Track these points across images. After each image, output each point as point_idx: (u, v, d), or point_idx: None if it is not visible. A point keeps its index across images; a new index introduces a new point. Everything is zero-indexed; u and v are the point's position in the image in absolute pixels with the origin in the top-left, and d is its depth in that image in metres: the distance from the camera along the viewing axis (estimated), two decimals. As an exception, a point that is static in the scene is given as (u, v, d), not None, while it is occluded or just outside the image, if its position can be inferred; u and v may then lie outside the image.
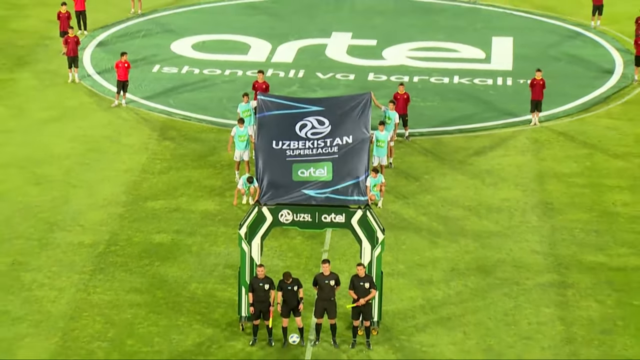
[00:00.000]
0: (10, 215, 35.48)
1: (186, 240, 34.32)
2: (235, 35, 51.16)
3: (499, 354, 28.91)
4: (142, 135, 41.38)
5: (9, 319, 30.10)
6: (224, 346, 29.11)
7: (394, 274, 31.89)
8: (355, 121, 29.98)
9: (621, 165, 39.42)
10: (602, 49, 49.88)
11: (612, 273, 32.76)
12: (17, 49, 48.73)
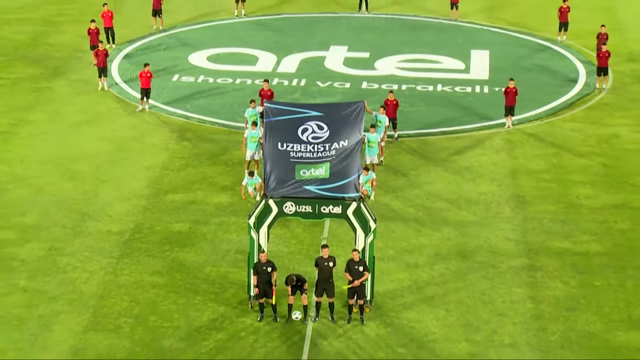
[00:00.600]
0: (47, 207, 35.46)
1: (202, 228, 34.30)
2: (244, 48, 51.09)
3: (477, 329, 28.97)
4: (163, 136, 41.33)
5: (47, 297, 30.16)
6: (235, 322, 29.14)
7: (385, 259, 31.86)
8: (350, 126, 30.01)
9: (584, 163, 39.37)
10: (567, 60, 49.81)
11: (575, 257, 32.76)
12: (53, 61, 48.68)
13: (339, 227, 32.52)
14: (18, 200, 36.03)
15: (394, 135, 40.91)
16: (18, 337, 28.44)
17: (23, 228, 34.11)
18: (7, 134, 41.11)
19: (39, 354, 27.72)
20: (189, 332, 28.71)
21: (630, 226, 34.82)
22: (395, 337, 28.66)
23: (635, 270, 32.05)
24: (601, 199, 36.69)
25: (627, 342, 28.51)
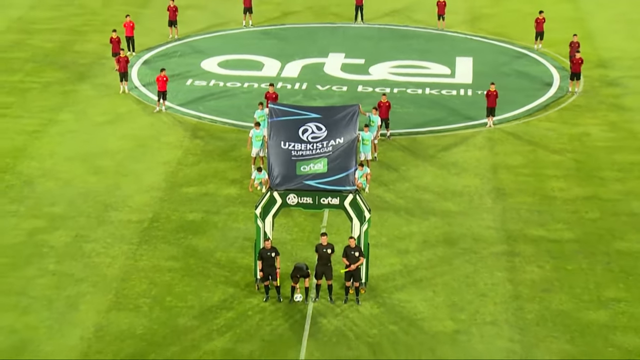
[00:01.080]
0: (73, 198, 35.46)
1: (213, 218, 34.30)
2: (251, 55, 51.03)
3: (461, 308, 29.05)
4: (178, 135, 41.30)
5: (73, 280, 30.24)
6: (243, 302, 29.22)
7: (378, 245, 31.87)
8: (346, 126, 30.18)
9: (558, 159, 39.35)
10: (543, 66, 49.76)
11: (550, 244, 32.79)
12: (79, 67, 48.64)
13: (337, 217, 32.50)
14: (47, 192, 36.01)
15: (387, 134, 40.88)
16: (48, 315, 28.54)
17: (52, 217, 34.12)
18: (38, 133, 41.09)
19: (66, 330, 27.82)
20: (201, 311, 28.77)
21: (600, 216, 34.84)
22: (387, 316, 28.72)
23: (603, 256, 32.09)
24: (573, 191, 36.67)
25: (596, 319, 28.57)
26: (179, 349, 27.11)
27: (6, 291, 29.70)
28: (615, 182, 37.43)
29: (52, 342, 27.36)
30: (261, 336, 27.74)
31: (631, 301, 29.62)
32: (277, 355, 26.96)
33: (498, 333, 27.92)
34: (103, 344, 27.31)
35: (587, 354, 26.83)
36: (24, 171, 37.65)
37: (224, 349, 27.19)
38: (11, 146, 39.76)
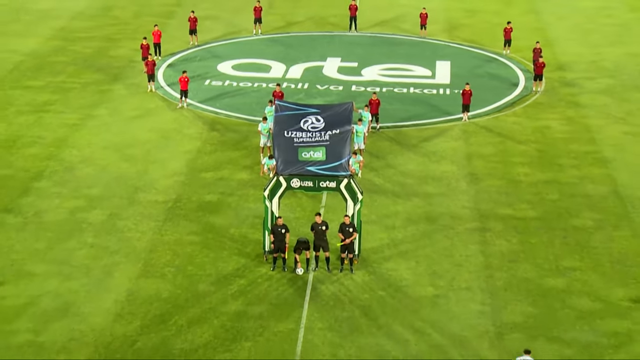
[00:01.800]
0: (109, 182, 35.44)
1: (228, 199, 34.28)
2: (261, 59, 50.93)
3: (440, 276, 29.15)
4: (198, 128, 41.24)
5: (108, 251, 30.30)
6: (253, 271, 29.28)
7: (369, 222, 31.85)
8: (342, 120, 30.23)
9: (523, 148, 39.34)
10: (510, 69, 49.67)
11: (516, 221, 32.82)
12: (113, 69, 48.56)
13: (334, 198, 32.47)
14: (86, 176, 35.98)
15: (376, 127, 40.82)
16: (87, 281, 28.60)
17: (90, 198, 34.10)
18: (78, 126, 41.04)
19: (103, 294, 27.91)
20: (218, 279, 28.83)
21: (558, 197, 34.85)
22: (377, 283, 28.78)
23: (561, 231, 32.15)
24: (536, 176, 36.66)
25: (554, 285, 28.63)
26: (198, 311, 27.17)
27: (51, 261, 29.76)
28: (571, 168, 37.41)
29: (90, 304, 27.43)
30: (269, 300, 27.80)
31: (584, 270, 29.70)
32: (283, 316, 27.01)
33: (471, 297, 27.98)
34: (134, 306, 27.37)
35: (547, 314, 26.92)
36: (65, 158, 37.61)
37: (237, 310, 27.24)
38: (55, 137, 39.70)
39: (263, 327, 26.51)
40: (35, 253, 30.26)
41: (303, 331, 26.36)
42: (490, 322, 26.78)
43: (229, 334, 26.20)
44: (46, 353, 25.28)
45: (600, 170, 37.21)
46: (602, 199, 34.66)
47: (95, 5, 60.70)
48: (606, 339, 26.02)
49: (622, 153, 38.91)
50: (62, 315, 26.91)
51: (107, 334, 26.07)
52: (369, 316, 27.03)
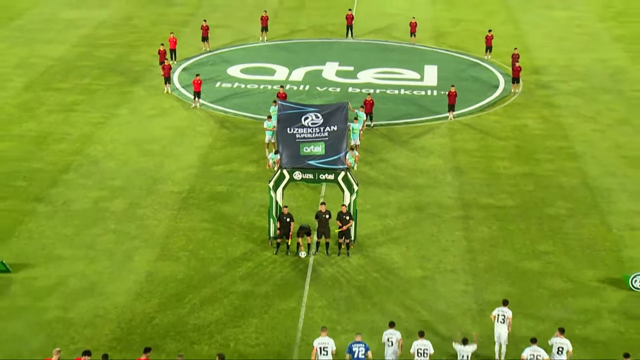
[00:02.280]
0: (129, 175, 35.37)
1: (236, 190, 34.22)
2: (266, 63, 50.77)
3: (428, 259, 29.19)
4: (209, 125, 41.12)
5: (129, 237, 30.31)
6: (259, 254, 29.33)
7: (364, 211, 31.79)
8: (339, 118, 30.09)
9: (503, 144, 39.26)
10: (491, 73, 49.54)
11: (496, 210, 32.82)
12: (133, 73, 48.42)
13: (332, 189, 32.42)
14: (109, 169, 35.90)
15: (371, 125, 40.72)
16: (109, 264, 28.62)
17: (113, 189, 34.04)
18: (102, 124, 40.93)
19: (124, 276, 27.93)
20: (227, 262, 28.85)
21: (534, 188, 34.81)
22: (371, 265, 28.81)
23: (537, 219, 32.15)
24: (514, 169, 36.60)
25: (531, 268, 28.64)
26: (210, 291, 27.18)
27: (78, 245, 29.76)
28: (546, 162, 37.34)
29: (113, 284, 27.45)
30: (273, 281, 27.81)
31: (557, 254, 29.72)
32: (286, 295, 27.02)
33: (456, 278, 27.98)
34: (152, 286, 27.39)
35: (524, 294, 26.94)
36: (90, 153, 37.51)
37: (244, 290, 27.26)
38: (81, 134, 39.60)
39: (268, 306, 26.53)
40: (64, 238, 30.25)
41: (304, 309, 26.37)
42: (472, 300, 26.80)
43: (238, 311, 26.21)
44: (74, 328, 25.30)
45: (572, 164, 37.15)
46: (573, 190, 34.63)
47: (117, 15, 60.55)
48: (576, 315, 26.09)
49: (591, 148, 38.85)
50: (88, 294, 26.93)
51: (128, 311, 26.09)
52: (364, 295, 27.06)
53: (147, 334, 24.99)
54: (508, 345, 23.84)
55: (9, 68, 48.55)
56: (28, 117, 41.62)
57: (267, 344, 24.78)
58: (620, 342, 24.93)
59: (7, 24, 57.01)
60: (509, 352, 23.90)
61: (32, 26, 57.08)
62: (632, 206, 33.24)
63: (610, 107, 44.06)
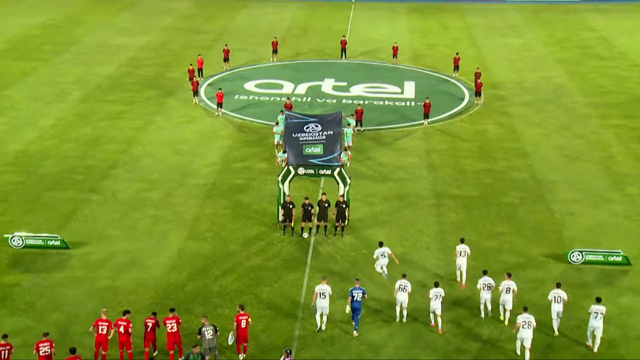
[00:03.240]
0: (164, 170, 35.22)
1: (251, 182, 34.04)
2: (276, 79, 50.54)
3: (407, 239, 29.15)
4: (230, 130, 40.92)
5: (164, 221, 30.24)
6: (270, 235, 29.24)
7: (355, 200, 31.63)
8: (334, 124, 30.01)
9: (468, 145, 39.03)
10: (458, 88, 49.29)
11: (462, 199, 32.68)
12: (168, 87, 48.20)
13: (329, 182, 32.26)
14: (148, 166, 35.72)
15: (361, 130, 40.51)
16: (148, 243, 28.57)
17: (151, 182, 33.89)
18: (142, 129, 40.72)
19: (160, 252, 27.87)
20: (244, 241, 28.74)
21: (493, 181, 34.64)
22: (361, 244, 28.69)
23: (495, 206, 32.02)
24: (477, 166, 36.42)
25: (490, 246, 28.58)
26: (230, 264, 27.09)
27: (123, 227, 29.68)
28: (502, 160, 37.16)
29: (151, 259, 27.36)
30: (281, 257, 27.72)
31: (511, 234, 29.63)
32: (291, 268, 26.97)
33: (430, 255, 27.89)
34: (183, 261, 27.30)
35: (484, 267, 26.66)
36: (133, 152, 37.33)
37: (258, 264, 27.18)
38: (125, 137, 39.42)
39: (277, 277, 26.44)
40: (112, 222, 30.14)
41: (306, 279, 26.29)
42: (443, 272, 26.72)
43: (252, 281, 26.13)
44: (120, 294, 25.25)
45: (523, 162, 36.98)
46: (524, 183, 34.48)
47: (155, 41, 60.27)
48: (526, 284, 26.02)
49: (538, 149, 38.69)
50: (131, 267, 26.85)
51: (164, 281, 26.00)
52: (355, 268, 26.97)
53: (179, 299, 24.91)
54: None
55: (69, 84, 48.33)
56: (84, 123, 41.42)
57: (277, 307, 24.71)
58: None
59: (68, 49, 56.75)
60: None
61: (88, 50, 56.83)
62: (570, 196, 33.12)
63: (553, 115, 43.87)
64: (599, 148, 38.70)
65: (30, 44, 57.60)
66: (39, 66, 52.00)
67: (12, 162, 35.77)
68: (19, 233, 28.17)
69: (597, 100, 46.50)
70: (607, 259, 27.50)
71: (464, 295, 25.55)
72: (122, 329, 21.57)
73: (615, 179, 34.80)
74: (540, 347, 22.91)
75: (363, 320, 23.91)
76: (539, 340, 23.04)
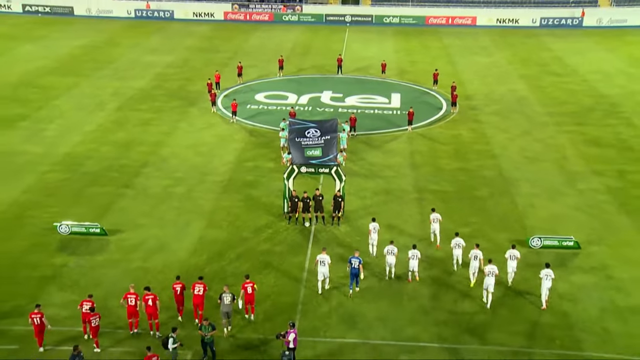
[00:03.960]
0: (187, 169, 35.20)
1: (261, 179, 34.02)
2: (282, 91, 50.50)
3: (393, 227, 29.07)
4: (243, 134, 40.88)
5: (187, 212, 30.15)
6: (277, 224, 29.19)
7: (349, 194, 31.60)
8: (331, 130, 29.94)
9: (445, 148, 39.00)
10: (437, 99, 49.25)
11: (441, 193, 32.65)
12: (190, 98, 48.16)
13: (327, 179, 32.28)
14: (173, 165, 35.69)
15: (354, 134, 40.49)
16: (173, 230, 28.59)
17: (176, 179, 33.88)
18: (168, 134, 40.67)
19: (183, 238, 27.84)
20: (255, 229, 28.72)
21: (466, 178, 34.62)
22: (354, 232, 28.70)
23: (468, 200, 32.00)
24: (453, 165, 36.41)
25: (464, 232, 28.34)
26: (243, 249, 27.12)
27: (152, 217, 29.67)
28: (474, 160, 37.15)
29: (176, 244, 27.39)
30: (287, 242, 27.74)
31: (482, 223, 29.62)
32: (295, 253, 26.99)
33: (412, 240, 27.73)
34: (203, 246, 27.33)
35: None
36: (161, 154, 37.29)
37: (267, 249, 27.19)
38: (154, 140, 39.39)
39: (282, 259, 26.49)
40: (143, 213, 30.15)
41: (308, 262, 26.33)
42: (424, 255, 26.74)
43: (262, 263, 26.18)
44: (150, 274, 25.32)
45: (492, 162, 36.96)
46: (492, 179, 34.47)
47: (179, 59, 60.19)
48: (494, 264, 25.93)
49: (505, 151, 38.66)
50: (160, 251, 26.88)
51: (187, 263, 26.06)
52: (350, 253, 26.90)
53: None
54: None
55: (107, 96, 48.29)
56: (119, 129, 41.39)
57: (282, 285, 24.79)
58: (522, 280, 25.05)
59: (107, 66, 56.71)
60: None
61: (123, 67, 56.75)
62: (531, 190, 33.15)
63: (517, 123, 43.84)
64: (554, 150, 38.72)
65: (75, 63, 57.55)
66: (82, 81, 51.95)
67: (60, 162, 35.82)
68: (66, 222, 28.27)
69: (553, 110, 46.48)
70: (561, 243, 27.59)
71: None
72: (150, 302, 21.71)
73: (568, 177, 34.83)
74: (499, 298, 23.06)
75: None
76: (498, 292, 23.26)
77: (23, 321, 21.96)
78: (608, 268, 26.21)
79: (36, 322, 20.91)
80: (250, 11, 77.35)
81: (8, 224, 28.83)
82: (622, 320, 23.05)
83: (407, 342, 21.84)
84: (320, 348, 21.59)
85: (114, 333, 22.00)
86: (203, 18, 77.11)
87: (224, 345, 21.63)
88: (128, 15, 77.35)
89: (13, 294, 23.93)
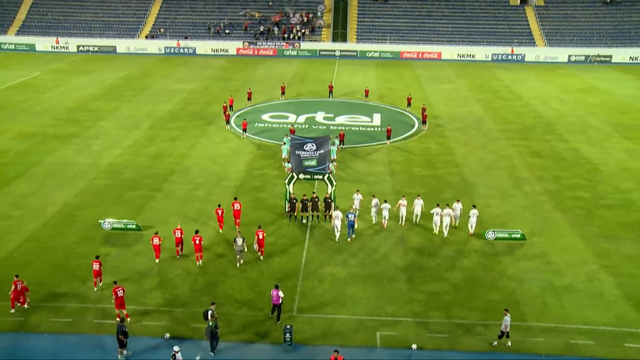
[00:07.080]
0: (206, 176, 35.02)
1: (267, 184, 33.87)
2: (284, 112, 50.45)
3: (376, 224, 28.69)
4: (252, 148, 40.77)
5: (206, 211, 29.93)
6: (280, 221, 29.00)
7: (339, 197, 31.40)
8: (324, 144, 29.89)
9: (418, 158, 38.96)
10: (410, 118, 49.30)
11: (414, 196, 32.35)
12: (209, 119, 48.03)
13: (321, 184, 32.20)
14: (195, 174, 35.52)
15: (343, 147, 40.44)
16: (196, 226, 28.16)
17: (197, 184, 33.71)
18: (191, 147, 40.52)
19: (204, 233, 27.55)
20: (262, 224, 28.38)
21: (435, 183, 34.54)
22: (344, 227, 28.32)
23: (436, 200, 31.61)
24: (424, 172, 36.38)
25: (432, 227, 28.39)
26: (252, 241, 26.88)
27: (178, 216, 29.37)
28: (442, 168, 37.12)
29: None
30: (288, 236, 27.60)
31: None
32: (294, 244, 26.82)
33: (392, 234, 27.69)
34: (219, 239, 27.15)
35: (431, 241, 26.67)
36: (185, 164, 37.09)
37: (271, 241, 27.01)
38: (179, 153, 39.22)
39: (284, 250, 26.37)
40: (170, 212, 29.96)
41: (305, 252, 26.22)
42: (402, 247, 26.68)
43: (267, 253, 26.04)
44: (178, 262, 25.13)
45: (455, 169, 36.97)
46: (456, 184, 34.44)
47: (200, 86, 60.07)
48: (456, 253, 25.93)
49: (466, 160, 38.70)
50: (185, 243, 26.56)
51: (208, 253, 25.86)
52: (340, 244, 26.88)
53: (216, 265, 24.76)
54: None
55: (142, 117, 48.07)
56: (151, 144, 41.21)
57: (284, 272, 24.67)
58: (479, 268, 25.00)
59: (142, 92, 56.57)
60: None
61: (155, 93, 56.57)
62: (487, 193, 33.18)
63: (475, 138, 43.91)
64: (505, 160, 38.81)
65: (117, 90, 57.39)
66: (122, 105, 51.77)
67: (104, 171, 35.66)
68: (108, 219, 28.15)
69: (504, 127, 46.62)
70: (511, 235, 27.65)
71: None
72: (197, 241, 25.05)
73: (516, 182, 34.91)
74: (461, 281, 23.04)
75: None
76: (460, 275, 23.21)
77: (76, 299, 21.96)
78: (547, 255, 26.30)
79: (119, 294, 21.00)
80: (258, 47, 77.74)
81: (62, 221, 28.72)
82: (557, 296, 23.21)
83: (387, 317, 21.82)
84: (315, 323, 21.55)
85: (142, 309, 21.84)
86: (220, 53, 77.40)
87: (234, 326, 21.53)
88: (159, 52, 77.48)
89: (67, 277, 23.88)
